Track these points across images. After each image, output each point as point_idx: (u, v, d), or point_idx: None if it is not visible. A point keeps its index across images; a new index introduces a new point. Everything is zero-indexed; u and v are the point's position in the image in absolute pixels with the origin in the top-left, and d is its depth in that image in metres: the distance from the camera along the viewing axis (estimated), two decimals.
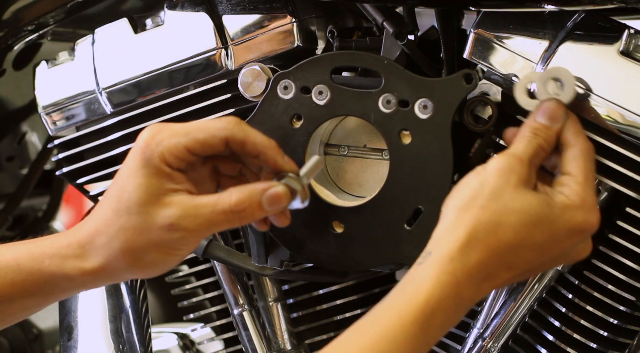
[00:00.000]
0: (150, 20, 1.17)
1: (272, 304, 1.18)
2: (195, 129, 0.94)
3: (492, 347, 1.09)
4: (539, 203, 0.93)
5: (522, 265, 0.93)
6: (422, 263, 0.90)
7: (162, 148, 0.93)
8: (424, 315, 0.87)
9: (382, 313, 0.88)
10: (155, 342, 1.36)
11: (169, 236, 0.92)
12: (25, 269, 0.94)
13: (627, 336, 1.08)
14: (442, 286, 0.88)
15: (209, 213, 0.93)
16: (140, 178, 0.92)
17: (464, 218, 0.91)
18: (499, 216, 0.91)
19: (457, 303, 0.89)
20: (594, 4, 1.00)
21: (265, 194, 0.94)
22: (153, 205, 0.92)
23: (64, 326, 1.22)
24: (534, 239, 0.92)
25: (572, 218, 0.93)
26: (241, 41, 1.11)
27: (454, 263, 0.89)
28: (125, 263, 0.94)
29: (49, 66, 1.20)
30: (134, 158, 0.93)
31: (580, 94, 0.99)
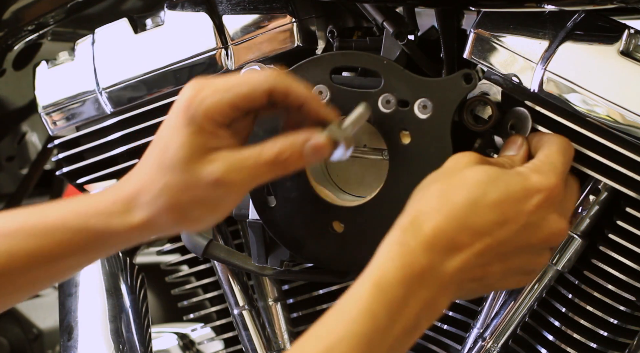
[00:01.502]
0: (150, 20, 1.17)
1: (272, 304, 1.19)
2: (237, 84, 0.93)
3: (492, 347, 1.09)
4: (492, 168, 0.93)
5: (487, 228, 0.90)
6: None
7: (206, 105, 0.92)
8: (380, 289, 0.86)
9: (344, 301, 0.87)
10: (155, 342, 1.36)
11: (214, 193, 0.92)
12: (72, 228, 0.94)
13: (627, 336, 1.08)
14: (392, 257, 0.87)
15: (252, 165, 0.92)
16: (184, 136, 0.92)
17: (416, 197, 0.92)
18: (450, 181, 0.91)
19: (414, 272, 0.87)
20: (594, 4, 1.00)
21: (307, 144, 0.93)
22: (197, 163, 0.92)
23: (64, 326, 1.22)
24: (489, 196, 0.90)
25: (528, 178, 0.92)
26: (241, 41, 1.12)
27: (406, 233, 0.88)
28: (171, 219, 0.93)
29: (49, 66, 1.20)
30: (176, 116, 0.93)
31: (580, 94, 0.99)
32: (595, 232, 1.06)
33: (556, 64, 1.00)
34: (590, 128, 1.00)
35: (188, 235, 1.13)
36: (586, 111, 0.99)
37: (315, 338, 0.85)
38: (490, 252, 0.91)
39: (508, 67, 1.02)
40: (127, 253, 1.26)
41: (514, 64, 1.02)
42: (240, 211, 1.10)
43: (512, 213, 0.91)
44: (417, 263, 0.87)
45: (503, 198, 0.91)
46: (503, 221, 0.91)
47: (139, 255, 1.29)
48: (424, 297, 0.87)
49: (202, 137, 0.92)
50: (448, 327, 1.16)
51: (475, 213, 0.90)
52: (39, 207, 0.96)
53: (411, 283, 0.87)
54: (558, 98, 1.00)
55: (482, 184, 0.91)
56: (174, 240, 1.25)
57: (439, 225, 0.89)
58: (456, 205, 0.89)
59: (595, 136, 1.00)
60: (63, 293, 1.23)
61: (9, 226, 0.95)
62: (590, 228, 1.06)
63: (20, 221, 0.95)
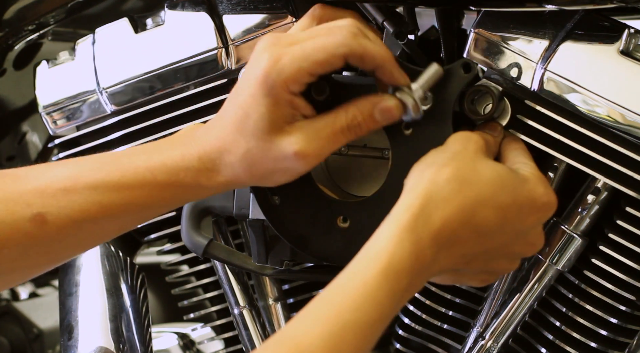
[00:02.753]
0: (151, 20, 1.17)
1: (272, 304, 1.19)
2: (314, 50, 0.92)
3: (492, 346, 1.09)
4: (502, 168, 0.93)
5: (489, 230, 0.91)
6: (383, 223, 0.89)
7: (285, 75, 0.91)
8: (388, 278, 0.85)
9: (347, 280, 0.86)
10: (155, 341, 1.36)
11: (294, 164, 0.93)
12: (162, 181, 0.94)
13: (627, 336, 1.08)
14: (402, 245, 0.87)
15: (329, 134, 0.93)
16: (263, 107, 0.91)
17: (425, 176, 0.91)
18: (462, 172, 0.91)
19: (420, 263, 0.87)
20: (594, 4, 1.00)
21: (377, 108, 0.94)
22: (277, 134, 0.92)
23: (64, 326, 1.22)
24: (497, 198, 0.91)
25: (535, 188, 0.94)
26: (242, 41, 1.12)
27: (417, 220, 0.88)
28: (251, 180, 0.95)
29: (49, 66, 1.20)
30: (255, 85, 0.92)
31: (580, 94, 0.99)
32: (595, 232, 1.07)
33: (556, 64, 1.00)
34: (590, 128, 1.00)
35: (188, 235, 1.13)
36: (586, 110, 0.99)
37: (319, 320, 0.84)
38: (480, 252, 0.92)
39: (508, 66, 1.02)
40: (127, 253, 1.26)
41: (514, 63, 1.02)
42: (241, 211, 1.10)
43: (514, 221, 0.93)
44: (423, 254, 0.87)
45: (510, 203, 0.92)
46: (503, 224, 0.92)
47: (139, 255, 1.29)
48: (419, 286, 0.89)
49: (280, 108, 0.92)
50: (448, 326, 1.16)
51: (482, 212, 0.90)
52: (124, 157, 0.95)
53: (416, 273, 0.87)
54: (558, 98, 1.00)
55: (494, 184, 0.91)
56: (174, 240, 1.25)
57: (448, 217, 0.89)
58: (466, 200, 0.90)
59: (595, 136, 1.00)
60: (63, 293, 1.23)
61: (101, 177, 0.94)
62: (591, 228, 1.06)
63: (110, 171, 0.94)
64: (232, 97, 0.95)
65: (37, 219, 0.92)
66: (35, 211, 0.92)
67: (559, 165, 1.06)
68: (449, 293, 1.14)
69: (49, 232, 0.93)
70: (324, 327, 0.83)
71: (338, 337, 0.82)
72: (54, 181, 0.93)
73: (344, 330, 0.83)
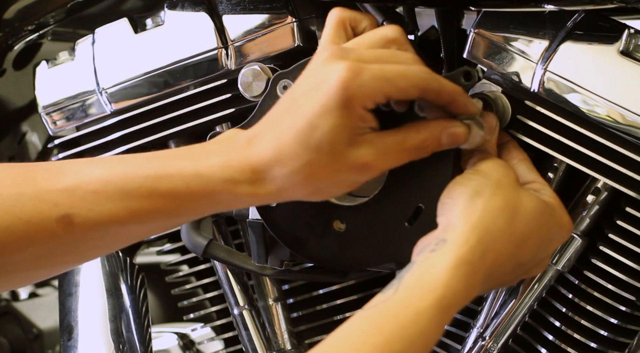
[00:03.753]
0: (151, 20, 1.17)
1: (272, 304, 1.19)
2: (396, 76, 0.91)
3: (492, 346, 1.09)
4: (538, 199, 0.94)
5: (525, 263, 0.93)
6: (436, 250, 0.87)
7: (364, 91, 0.89)
8: (441, 311, 0.84)
9: (398, 308, 0.84)
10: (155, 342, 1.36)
11: (357, 176, 0.92)
12: (196, 192, 0.91)
13: (627, 336, 1.08)
14: (458, 279, 0.85)
15: (397, 152, 0.93)
16: (336, 118, 0.89)
17: (477, 204, 0.90)
18: (511, 204, 0.91)
19: (470, 296, 0.87)
20: (594, 4, 1.00)
21: (446, 132, 0.94)
22: (346, 146, 0.90)
23: (64, 326, 1.22)
24: (539, 231, 0.93)
25: (562, 217, 0.96)
26: (241, 41, 1.12)
27: (474, 253, 0.87)
28: (301, 194, 0.92)
29: (49, 66, 1.20)
30: (329, 96, 0.89)
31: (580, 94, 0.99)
32: (595, 232, 1.07)
33: (556, 64, 1.00)
34: (590, 128, 1.00)
35: (188, 235, 1.13)
36: (586, 110, 0.99)
37: (365, 345, 0.82)
38: (518, 276, 0.96)
39: (508, 67, 1.02)
40: (127, 253, 1.26)
41: (514, 63, 1.02)
42: (240, 211, 1.10)
43: (547, 248, 0.96)
44: (474, 287, 0.87)
45: (546, 234, 0.94)
46: (537, 254, 0.95)
47: (139, 255, 1.29)
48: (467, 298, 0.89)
49: (353, 120, 0.90)
50: (448, 326, 1.16)
51: (526, 245, 0.92)
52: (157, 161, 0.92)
53: (463, 304, 0.87)
54: (558, 98, 1.00)
55: (535, 218, 0.93)
56: (174, 240, 1.25)
57: (501, 250, 0.89)
58: (516, 234, 0.90)
59: (595, 136, 1.00)
60: (63, 293, 1.23)
61: (132, 183, 0.91)
62: (590, 228, 1.06)
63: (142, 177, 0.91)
64: (285, 105, 0.92)
65: (64, 221, 0.90)
66: (62, 213, 0.90)
67: (559, 165, 1.06)
68: None
69: (75, 233, 0.91)
70: None
71: None
72: (84, 182, 0.91)
73: None
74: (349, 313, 1.20)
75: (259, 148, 0.91)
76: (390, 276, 1.20)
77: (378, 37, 0.96)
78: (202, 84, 1.14)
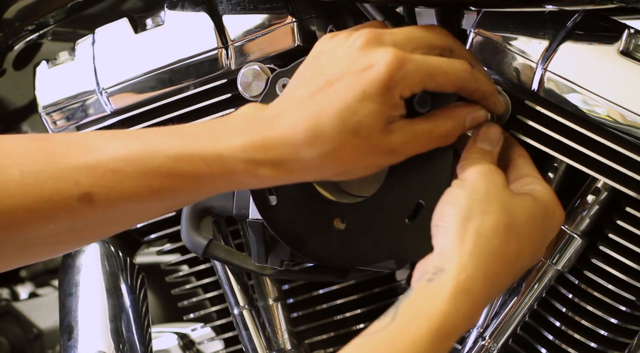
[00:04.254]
0: (151, 20, 1.17)
1: (272, 304, 1.19)
2: (438, 70, 0.93)
3: (492, 346, 1.09)
4: (531, 203, 0.93)
5: (521, 265, 0.93)
6: (434, 279, 0.86)
7: (405, 82, 0.91)
8: (439, 340, 0.83)
9: (395, 337, 0.83)
10: (155, 342, 1.36)
11: (385, 160, 0.93)
12: (218, 172, 0.90)
13: (627, 336, 1.08)
14: (457, 307, 0.84)
15: (425, 139, 0.94)
16: (375, 104, 0.90)
17: (470, 228, 0.89)
18: (504, 219, 0.90)
19: (472, 322, 0.87)
20: (594, 4, 1.00)
21: (470, 117, 0.97)
22: (380, 131, 0.91)
23: (64, 326, 1.22)
24: (534, 240, 0.92)
25: (555, 211, 0.95)
26: (241, 41, 1.12)
27: (473, 281, 0.86)
28: (326, 175, 0.93)
29: (49, 66, 1.20)
30: (372, 83, 0.90)
31: (580, 94, 0.99)
32: (595, 232, 1.07)
33: (556, 64, 1.00)
34: (590, 128, 1.00)
35: (188, 235, 1.13)
36: (586, 110, 0.99)
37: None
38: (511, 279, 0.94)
39: (508, 66, 1.02)
40: (127, 253, 1.26)
41: (514, 63, 1.02)
42: (240, 211, 1.10)
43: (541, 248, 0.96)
44: (476, 315, 0.87)
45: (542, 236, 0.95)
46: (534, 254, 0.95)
47: (139, 255, 1.29)
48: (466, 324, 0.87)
49: (390, 107, 0.91)
50: None
51: (522, 256, 0.92)
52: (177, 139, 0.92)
53: (463, 331, 0.86)
54: (558, 98, 1.00)
55: (530, 227, 0.92)
56: (174, 240, 1.25)
57: (498, 270, 0.88)
58: (512, 250, 0.90)
59: (595, 136, 1.00)
60: (63, 293, 1.23)
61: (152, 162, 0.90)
62: (590, 228, 1.06)
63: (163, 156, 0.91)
64: (316, 86, 0.92)
65: (84, 199, 0.90)
66: (83, 191, 0.90)
67: (559, 165, 1.06)
68: None
69: (96, 211, 0.91)
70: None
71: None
72: (104, 159, 0.91)
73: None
74: (349, 313, 1.20)
75: (286, 127, 0.91)
76: (390, 276, 1.20)
77: None
78: (202, 84, 1.14)
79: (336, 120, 0.90)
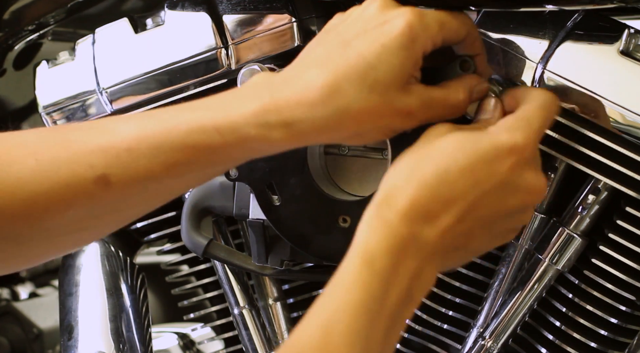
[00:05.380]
0: (151, 20, 1.17)
1: (272, 304, 1.19)
2: (449, 19, 0.93)
3: (492, 346, 1.09)
4: (462, 133, 0.91)
5: (460, 198, 0.88)
6: None
7: (427, 33, 0.90)
8: (367, 261, 0.84)
9: (334, 278, 0.85)
10: (155, 341, 1.36)
11: (399, 123, 0.91)
12: (231, 141, 0.89)
13: (627, 336, 1.08)
14: (373, 230, 0.85)
15: (439, 107, 0.93)
16: (396, 58, 0.88)
17: (388, 172, 0.89)
18: (418, 153, 0.89)
19: (398, 241, 0.85)
20: (594, 4, 1.00)
21: (476, 89, 0.96)
22: (398, 90, 0.89)
23: (64, 326, 1.22)
24: (457, 162, 0.88)
25: (496, 138, 0.90)
26: (241, 41, 1.12)
27: (381, 207, 0.86)
28: (340, 136, 0.91)
29: (49, 66, 1.20)
30: (394, 36, 0.89)
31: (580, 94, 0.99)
32: (595, 232, 1.07)
33: (556, 64, 1.00)
34: (590, 128, 1.00)
35: (188, 235, 1.13)
36: (586, 110, 0.99)
37: (314, 316, 0.83)
38: (468, 217, 0.88)
39: (508, 67, 1.02)
40: (127, 253, 1.26)
41: (514, 63, 1.02)
42: (240, 211, 1.10)
43: (484, 175, 0.89)
44: (398, 233, 0.85)
45: (473, 162, 0.88)
46: (474, 184, 0.88)
47: (139, 255, 1.29)
48: (412, 267, 0.86)
49: (410, 63, 0.90)
50: (448, 326, 1.16)
51: (446, 181, 0.87)
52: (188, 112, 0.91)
53: (396, 252, 0.85)
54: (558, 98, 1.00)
55: (452, 151, 0.89)
56: (174, 240, 1.25)
57: (412, 196, 0.86)
58: (426, 175, 0.87)
59: (595, 136, 1.00)
60: (63, 293, 1.23)
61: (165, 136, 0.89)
62: (590, 228, 1.06)
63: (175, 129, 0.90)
64: (332, 46, 0.91)
65: (100, 181, 0.89)
66: (99, 173, 0.89)
67: (559, 165, 1.06)
68: (450, 293, 1.14)
69: (114, 193, 0.90)
70: (317, 318, 0.82)
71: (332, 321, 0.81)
72: (117, 140, 0.90)
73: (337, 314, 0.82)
74: None
75: (299, 86, 0.89)
76: None
77: None
78: (202, 84, 1.14)
79: (354, 76, 0.88)
